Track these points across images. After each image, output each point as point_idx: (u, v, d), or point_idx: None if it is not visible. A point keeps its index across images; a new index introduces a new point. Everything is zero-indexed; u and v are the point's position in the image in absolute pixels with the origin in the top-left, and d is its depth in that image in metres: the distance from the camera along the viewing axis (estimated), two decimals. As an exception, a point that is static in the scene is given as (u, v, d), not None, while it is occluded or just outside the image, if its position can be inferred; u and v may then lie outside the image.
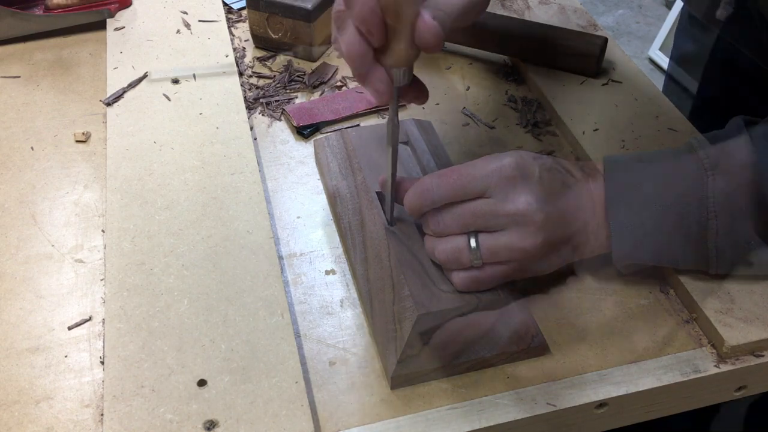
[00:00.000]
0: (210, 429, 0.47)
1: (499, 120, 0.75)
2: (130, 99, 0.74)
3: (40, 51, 0.83)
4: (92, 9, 0.85)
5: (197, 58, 0.79)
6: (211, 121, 0.71)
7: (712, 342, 0.54)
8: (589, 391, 0.51)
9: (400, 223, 0.57)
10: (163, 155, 0.67)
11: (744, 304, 0.55)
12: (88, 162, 0.69)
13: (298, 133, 0.72)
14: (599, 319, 0.56)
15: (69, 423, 0.49)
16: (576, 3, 0.90)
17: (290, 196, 0.66)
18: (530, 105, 0.77)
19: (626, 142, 0.69)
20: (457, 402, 0.50)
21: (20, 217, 0.63)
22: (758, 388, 0.55)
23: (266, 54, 0.83)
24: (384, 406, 0.50)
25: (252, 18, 0.82)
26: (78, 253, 0.61)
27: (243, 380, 0.50)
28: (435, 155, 0.63)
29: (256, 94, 0.77)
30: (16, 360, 0.53)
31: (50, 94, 0.77)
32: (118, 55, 0.80)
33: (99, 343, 0.54)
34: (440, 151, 0.65)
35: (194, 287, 0.56)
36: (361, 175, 0.61)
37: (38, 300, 0.57)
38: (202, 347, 0.52)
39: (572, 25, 0.85)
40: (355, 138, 0.65)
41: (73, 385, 0.51)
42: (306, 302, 0.57)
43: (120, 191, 0.63)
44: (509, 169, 0.52)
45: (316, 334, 0.55)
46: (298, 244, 0.62)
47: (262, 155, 0.70)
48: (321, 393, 0.51)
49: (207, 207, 0.62)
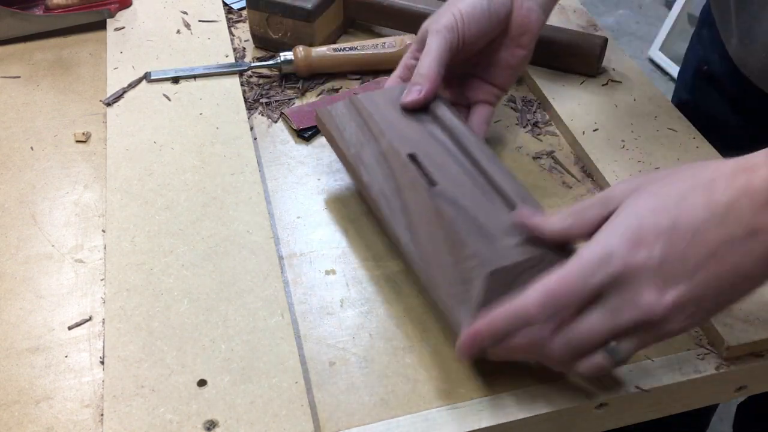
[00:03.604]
0: (210, 429, 0.47)
1: (499, 120, 0.75)
2: (130, 99, 0.74)
3: (40, 51, 0.83)
4: (92, 9, 0.85)
5: (197, 58, 0.79)
6: (211, 121, 0.71)
7: (712, 342, 0.54)
8: (589, 391, 0.51)
9: (443, 181, 0.55)
10: (163, 155, 0.67)
11: (744, 304, 0.55)
12: (88, 162, 0.69)
13: (299, 135, 0.72)
14: (599, 319, 0.56)
15: (69, 423, 0.49)
16: (576, 3, 0.90)
17: (290, 196, 0.66)
18: (530, 105, 0.77)
19: (626, 142, 0.69)
20: (457, 402, 0.50)
21: (20, 217, 0.63)
22: (758, 388, 0.55)
23: (266, 54, 0.83)
24: (384, 406, 0.50)
25: (252, 18, 0.82)
26: (78, 253, 0.61)
27: (243, 380, 0.50)
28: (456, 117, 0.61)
29: (256, 94, 0.77)
30: (16, 360, 0.53)
31: (50, 94, 0.77)
32: (118, 55, 0.80)
33: (99, 343, 0.54)
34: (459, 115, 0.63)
35: (194, 287, 0.56)
36: (385, 139, 0.59)
37: (38, 300, 0.57)
38: (202, 347, 0.52)
39: (572, 25, 0.85)
40: (369, 104, 0.62)
41: (73, 385, 0.51)
42: (306, 302, 0.57)
43: (120, 191, 0.63)
44: (619, 259, 0.42)
45: (316, 334, 0.55)
46: (298, 244, 0.62)
47: (262, 155, 0.70)
48: (321, 393, 0.51)
49: (207, 207, 0.62)
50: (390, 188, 0.57)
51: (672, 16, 2.42)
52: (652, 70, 2.41)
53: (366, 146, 0.60)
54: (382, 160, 0.58)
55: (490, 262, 0.48)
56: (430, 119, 0.61)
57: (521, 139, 0.73)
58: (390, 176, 0.57)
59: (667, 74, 2.36)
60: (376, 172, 0.58)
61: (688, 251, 0.42)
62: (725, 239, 0.41)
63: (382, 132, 0.59)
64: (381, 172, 0.58)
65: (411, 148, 0.58)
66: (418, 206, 0.54)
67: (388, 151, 0.58)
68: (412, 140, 0.59)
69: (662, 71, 2.39)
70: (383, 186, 0.57)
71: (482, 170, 0.56)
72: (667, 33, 2.42)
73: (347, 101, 0.64)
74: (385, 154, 0.58)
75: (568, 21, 0.86)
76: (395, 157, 0.57)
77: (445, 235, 0.51)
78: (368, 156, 0.59)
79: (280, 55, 0.78)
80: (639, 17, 2.72)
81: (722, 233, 0.41)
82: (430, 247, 0.52)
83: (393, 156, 0.58)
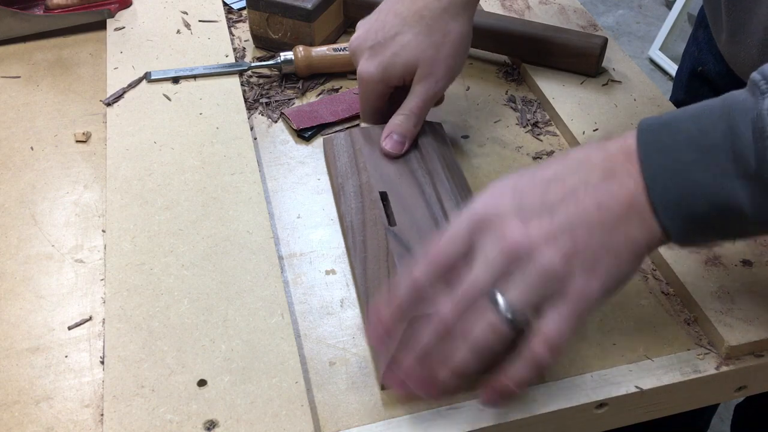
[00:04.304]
0: (210, 429, 0.47)
1: (499, 120, 0.75)
2: (130, 99, 0.74)
3: (40, 51, 0.83)
4: (92, 9, 0.85)
5: (197, 58, 0.79)
6: (211, 121, 0.71)
7: (712, 342, 0.54)
8: (589, 391, 0.51)
9: (401, 224, 0.57)
10: (163, 155, 0.67)
11: (744, 304, 0.55)
12: (88, 162, 0.69)
13: (299, 135, 0.72)
14: (599, 319, 0.56)
15: (69, 423, 0.49)
16: (576, 3, 0.90)
17: (290, 196, 0.66)
18: (530, 105, 0.77)
19: (626, 142, 0.69)
20: (457, 402, 0.50)
21: (20, 217, 0.63)
22: (758, 388, 0.55)
23: (266, 54, 0.83)
24: (384, 406, 0.50)
25: (252, 18, 0.82)
26: (78, 253, 0.61)
27: (243, 380, 0.50)
28: (442, 158, 0.63)
29: (256, 94, 0.77)
30: (16, 360, 0.53)
31: (50, 94, 0.77)
32: (118, 55, 0.80)
33: (99, 343, 0.54)
34: (448, 155, 0.65)
35: (194, 287, 0.56)
36: (365, 174, 0.61)
37: (38, 300, 0.57)
38: (202, 347, 0.52)
39: (572, 25, 0.85)
40: (362, 137, 0.65)
41: (73, 385, 0.51)
42: (306, 302, 0.57)
43: (120, 191, 0.63)
44: (480, 205, 0.45)
45: (316, 334, 0.55)
46: (298, 244, 0.62)
47: (262, 155, 0.70)
48: (321, 393, 0.51)
49: (207, 207, 0.62)
50: (358, 222, 0.59)
51: (672, 16, 2.42)
52: (652, 70, 2.41)
53: (350, 178, 0.63)
54: (359, 194, 0.61)
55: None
56: (417, 158, 0.64)
57: (521, 139, 0.73)
58: (360, 210, 0.60)
59: (667, 74, 2.36)
60: (352, 204, 0.61)
61: (546, 193, 0.44)
62: (582, 181, 0.43)
63: (365, 167, 0.62)
64: (355, 205, 0.61)
65: (385, 186, 0.60)
66: (374, 242, 0.57)
67: (365, 186, 0.61)
68: (389, 179, 0.61)
69: (662, 71, 2.39)
70: (353, 218, 0.60)
71: (448, 218, 0.58)
72: (666, 33, 2.42)
73: (347, 133, 0.67)
74: (362, 189, 0.61)
75: (568, 21, 0.86)
76: (368, 193, 0.60)
77: (388, 274, 0.53)
78: (349, 188, 0.62)
79: (280, 55, 0.78)
80: (639, 17, 2.72)
81: (578, 177, 0.44)
82: (375, 283, 0.54)
83: (367, 192, 0.61)
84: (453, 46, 0.63)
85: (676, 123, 0.43)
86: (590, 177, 0.44)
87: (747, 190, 0.40)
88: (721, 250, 0.59)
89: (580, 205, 0.43)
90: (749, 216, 0.40)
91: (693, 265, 0.58)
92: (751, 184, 0.39)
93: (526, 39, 0.78)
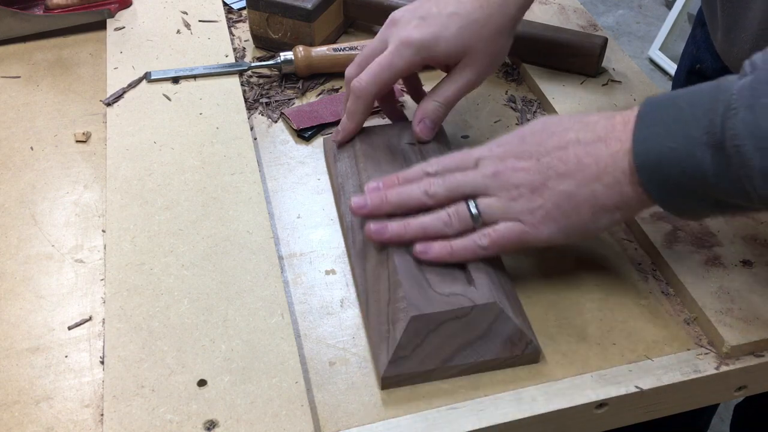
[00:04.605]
0: (210, 429, 0.47)
1: (499, 120, 0.75)
2: (130, 99, 0.74)
3: (40, 51, 0.83)
4: (92, 9, 0.85)
5: (197, 58, 0.79)
6: (211, 121, 0.71)
7: (712, 342, 0.54)
8: (589, 391, 0.51)
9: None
10: (163, 155, 0.67)
11: (744, 304, 0.55)
12: (88, 162, 0.69)
13: (299, 135, 0.72)
14: (599, 319, 0.56)
15: (69, 423, 0.49)
16: (576, 3, 0.90)
17: (290, 196, 0.66)
18: (530, 105, 0.77)
19: (626, 142, 0.69)
20: (457, 402, 0.50)
21: (20, 217, 0.63)
22: (758, 388, 0.55)
23: (266, 54, 0.83)
24: (384, 406, 0.50)
25: (252, 18, 0.82)
26: (78, 253, 0.61)
27: (243, 380, 0.50)
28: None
29: (256, 94, 0.77)
30: (16, 360, 0.53)
31: (50, 94, 0.77)
32: (118, 55, 0.80)
33: (99, 343, 0.54)
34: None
35: (194, 287, 0.56)
36: (366, 174, 0.61)
37: (38, 300, 0.57)
38: (202, 347, 0.52)
39: (572, 25, 0.85)
40: (363, 138, 0.65)
41: (73, 385, 0.51)
42: (306, 302, 0.57)
43: (120, 191, 0.63)
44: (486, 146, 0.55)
45: (316, 334, 0.55)
46: (298, 244, 0.62)
47: (262, 155, 0.70)
48: (321, 393, 0.51)
49: (207, 207, 0.62)
50: (358, 222, 0.59)
51: (672, 16, 2.42)
52: (651, 70, 2.41)
53: (350, 179, 0.63)
54: (359, 193, 0.60)
55: (417, 307, 0.50)
56: (417, 158, 0.63)
57: (521, 139, 0.73)
58: None
59: (666, 74, 2.36)
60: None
61: (546, 141, 0.52)
62: (576, 138, 0.51)
63: (365, 167, 0.62)
64: None
65: None
66: (373, 242, 0.56)
67: (365, 186, 0.60)
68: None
69: (662, 71, 2.39)
70: (353, 218, 0.60)
71: None
72: (666, 33, 2.42)
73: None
74: (362, 189, 0.60)
75: (568, 21, 0.86)
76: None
77: (388, 274, 0.53)
78: (349, 188, 0.62)
79: (280, 55, 0.78)
80: (639, 17, 2.72)
81: (575, 134, 0.52)
82: (374, 283, 0.55)
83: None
84: (501, 47, 0.63)
85: (675, 98, 0.48)
86: (585, 136, 0.51)
87: (710, 158, 0.45)
88: (721, 250, 0.59)
89: (564, 157, 0.51)
90: (711, 184, 0.46)
91: (693, 265, 0.58)
92: (715, 152, 0.45)
93: (526, 39, 0.78)
